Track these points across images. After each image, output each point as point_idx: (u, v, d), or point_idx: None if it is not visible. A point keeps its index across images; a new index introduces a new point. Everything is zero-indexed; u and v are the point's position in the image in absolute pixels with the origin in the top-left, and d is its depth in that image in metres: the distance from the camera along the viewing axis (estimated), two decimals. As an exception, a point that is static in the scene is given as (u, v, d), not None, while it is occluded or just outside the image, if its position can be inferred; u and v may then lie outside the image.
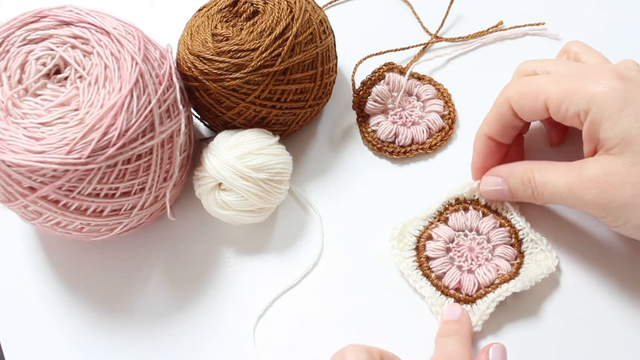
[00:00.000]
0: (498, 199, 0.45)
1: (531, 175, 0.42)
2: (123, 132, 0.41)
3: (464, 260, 0.44)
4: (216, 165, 0.45)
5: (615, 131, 0.38)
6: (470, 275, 0.43)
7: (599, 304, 0.43)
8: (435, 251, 0.44)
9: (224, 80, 0.46)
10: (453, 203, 0.46)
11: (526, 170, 0.42)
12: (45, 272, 0.50)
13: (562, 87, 0.40)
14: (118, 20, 0.46)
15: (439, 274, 0.44)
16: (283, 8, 0.47)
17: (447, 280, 0.43)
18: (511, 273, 0.42)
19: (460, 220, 0.45)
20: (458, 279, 0.43)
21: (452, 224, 0.45)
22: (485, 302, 0.42)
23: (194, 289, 0.48)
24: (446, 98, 0.53)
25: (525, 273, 0.42)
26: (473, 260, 0.44)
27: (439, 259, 0.44)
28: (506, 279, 0.42)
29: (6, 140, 0.41)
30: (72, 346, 0.47)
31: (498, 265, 0.43)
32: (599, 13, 0.57)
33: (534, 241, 0.44)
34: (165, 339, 0.46)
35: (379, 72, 0.53)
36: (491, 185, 0.45)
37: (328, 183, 0.51)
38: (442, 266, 0.43)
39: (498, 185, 0.44)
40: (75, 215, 0.43)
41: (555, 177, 0.41)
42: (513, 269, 0.43)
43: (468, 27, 0.58)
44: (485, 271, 0.43)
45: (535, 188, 0.42)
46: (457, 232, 0.45)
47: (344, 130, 0.54)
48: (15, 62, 0.44)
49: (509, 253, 0.44)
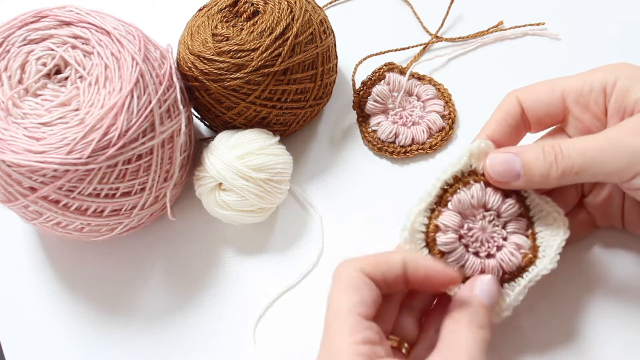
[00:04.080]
0: (506, 175, 0.38)
1: (553, 142, 0.37)
2: (123, 132, 0.41)
3: (480, 245, 0.39)
4: (216, 165, 0.45)
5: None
6: (491, 261, 0.39)
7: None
8: (448, 245, 0.39)
9: (224, 80, 0.46)
10: (452, 183, 0.40)
11: (545, 141, 0.38)
12: (45, 272, 0.50)
13: (578, 76, 0.39)
14: (118, 20, 0.46)
15: (457, 267, 0.39)
16: (283, 8, 0.47)
17: (469, 272, 0.39)
18: (532, 249, 0.39)
19: (464, 201, 0.39)
20: (479, 267, 0.39)
21: (457, 208, 0.40)
22: (515, 287, 0.38)
23: (194, 289, 0.48)
24: (446, 98, 0.53)
25: (544, 245, 0.39)
26: (489, 241, 0.39)
27: (454, 253, 0.39)
28: (531, 260, 0.39)
29: (6, 140, 0.41)
30: (72, 346, 0.47)
31: (518, 243, 0.39)
32: (599, 13, 0.57)
33: (539, 205, 0.40)
34: (165, 339, 0.46)
35: (379, 72, 0.53)
36: (500, 161, 0.38)
37: (328, 183, 0.51)
38: (459, 259, 0.39)
39: (508, 159, 0.38)
40: (76, 215, 0.43)
41: (588, 139, 0.37)
42: (530, 241, 0.39)
43: (468, 27, 0.58)
44: (509, 254, 0.39)
45: (561, 151, 0.36)
46: (464, 214, 0.40)
47: (344, 130, 0.54)
48: (15, 62, 0.44)
49: (522, 226, 0.40)
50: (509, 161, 0.38)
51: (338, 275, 0.36)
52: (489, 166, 0.38)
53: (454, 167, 0.40)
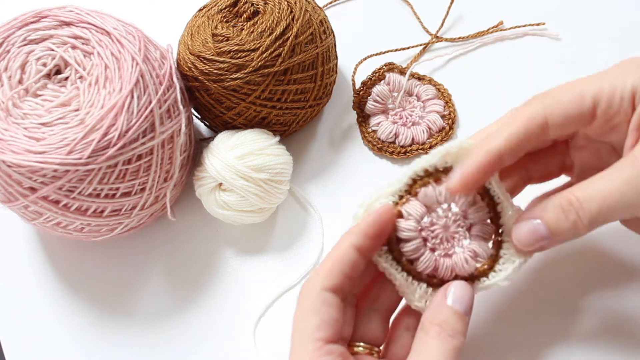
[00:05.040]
0: (535, 244, 0.36)
1: (570, 196, 0.35)
2: (123, 132, 0.41)
3: (439, 242, 0.38)
4: (216, 166, 0.45)
5: None
6: (447, 260, 0.37)
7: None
8: (407, 232, 0.37)
9: (225, 81, 0.46)
10: (422, 175, 0.38)
11: (562, 194, 0.35)
12: (45, 272, 0.50)
13: (606, 79, 0.36)
14: (118, 21, 0.46)
15: (411, 258, 0.37)
16: (283, 8, 0.47)
17: (421, 266, 0.37)
18: (490, 260, 0.38)
19: (431, 196, 0.38)
20: (433, 265, 0.37)
21: (423, 200, 0.38)
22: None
23: (194, 289, 0.48)
24: (446, 98, 0.53)
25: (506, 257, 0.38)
26: (449, 241, 0.38)
27: (411, 242, 0.37)
28: (485, 271, 0.37)
29: (6, 140, 0.41)
30: (72, 346, 0.47)
31: (476, 251, 0.38)
32: (599, 13, 0.57)
33: (511, 216, 0.38)
34: (165, 339, 0.46)
35: (379, 72, 0.53)
36: (525, 231, 0.36)
37: (328, 183, 0.51)
38: (414, 251, 0.37)
39: (533, 229, 0.36)
40: (76, 215, 0.43)
41: (603, 182, 0.34)
42: (492, 250, 0.38)
43: (468, 27, 0.58)
44: (463, 261, 0.37)
45: (580, 206, 0.34)
46: (430, 209, 0.38)
47: (344, 130, 0.54)
48: (15, 63, 0.44)
49: (487, 231, 0.38)
50: (533, 230, 0.36)
51: (300, 299, 0.36)
52: (517, 240, 0.37)
53: (427, 162, 0.38)
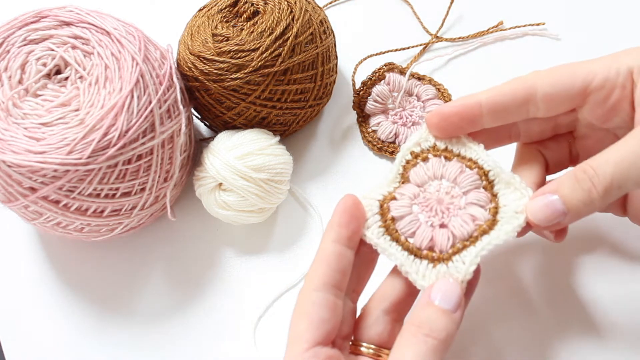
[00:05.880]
0: (552, 218, 0.35)
1: (585, 165, 0.34)
2: (123, 132, 0.41)
3: (434, 214, 0.38)
4: (216, 166, 0.45)
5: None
6: (443, 230, 0.37)
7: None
8: (400, 209, 0.38)
9: (225, 81, 0.46)
10: (410, 159, 0.39)
11: (576, 168, 0.35)
12: (45, 272, 0.50)
13: (600, 59, 0.36)
14: (118, 21, 0.46)
15: (408, 234, 0.37)
16: (283, 8, 0.47)
17: (418, 240, 0.37)
18: (489, 222, 0.37)
19: (420, 174, 0.39)
20: (430, 236, 0.37)
21: (414, 180, 0.39)
22: (466, 257, 0.36)
23: (194, 289, 0.48)
24: (446, 98, 0.53)
25: (504, 219, 0.37)
26: (444, 212, 0.38)
27: (405, 218, 0.37)
28: (485, 230, 0.36)
29: (7, 140, 0.41)
30: (72, 346, 0.47)
31: (473, 214, 0.37)
32: (599, 13, 0.57)
33: (505, 180, 0.38)
34: (165, 339, 0.46)
35: (379, 72, 0.53)
36: (540, 206, 0.35)
37: (328, 183, 0.51)
38: (410, 225, 0.37)
39: (549, 203, 0.35)
40: (76, 215, 0.43)
41: (616, 150, 0.33)
42: (489, 215, 0.37)
43: (468, 27, 0.58)
44: (462, 222, 0.37)
45: (595, 173, 0.33)
46: (422, 186, 0.38)
47: (344, 130, 0.54)
48: (15, 63, 0.44)
49: (482, 198, 0.38)
50: (549, 204, 0.35)
51: (296, 302, 0.36)
52: (531, 216, 0.35)
53: (411, 141, 0.39)
